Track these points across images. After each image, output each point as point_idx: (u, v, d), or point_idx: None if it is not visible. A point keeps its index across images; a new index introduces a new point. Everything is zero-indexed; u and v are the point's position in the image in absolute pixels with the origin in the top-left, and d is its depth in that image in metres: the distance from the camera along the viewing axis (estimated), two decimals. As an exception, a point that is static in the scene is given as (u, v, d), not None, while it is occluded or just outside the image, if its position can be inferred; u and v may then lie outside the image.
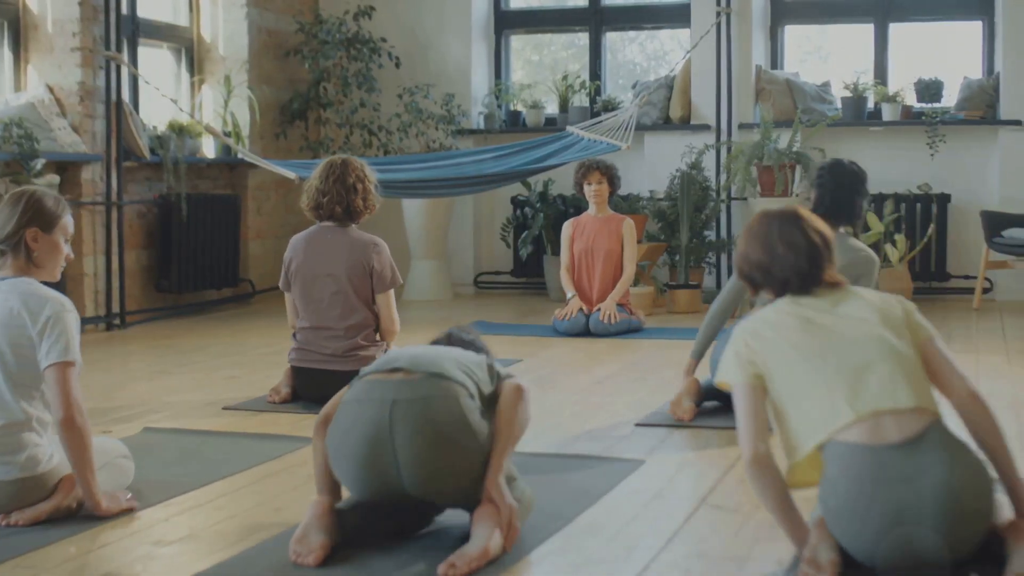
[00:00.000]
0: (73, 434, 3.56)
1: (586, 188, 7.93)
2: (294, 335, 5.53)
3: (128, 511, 3.71)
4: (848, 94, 9.61)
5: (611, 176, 7.94)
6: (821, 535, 3.05)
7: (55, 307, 3.63)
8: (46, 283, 3.76)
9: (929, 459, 2.88)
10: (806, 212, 3.32)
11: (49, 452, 3.64)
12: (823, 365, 3.05)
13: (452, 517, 3.53)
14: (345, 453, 3.30)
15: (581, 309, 7.71)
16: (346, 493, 3.47)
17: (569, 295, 7.85)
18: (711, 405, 5.25)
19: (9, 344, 3.61)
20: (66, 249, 3.82)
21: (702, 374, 5.27)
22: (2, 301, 3.64)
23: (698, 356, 5.29)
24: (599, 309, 7.66)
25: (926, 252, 9.25)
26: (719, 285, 9.51)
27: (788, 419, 3.09)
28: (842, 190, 5.02)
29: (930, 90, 9.46)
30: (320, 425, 3.49)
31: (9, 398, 3.60)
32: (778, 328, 3.15)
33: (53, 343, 3.59)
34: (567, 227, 8.06)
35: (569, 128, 9.00)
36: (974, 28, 9.70)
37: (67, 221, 3.81)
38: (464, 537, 3.29)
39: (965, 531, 2.88)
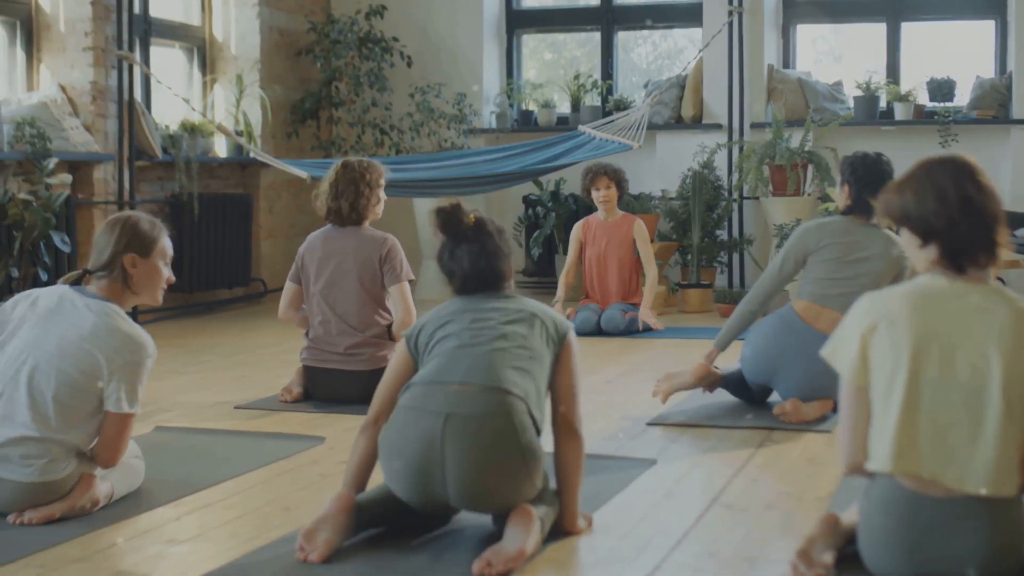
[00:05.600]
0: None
1: (594, 194, 7.76)
2: (306, 334, 5.55)
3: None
4: (860, 93, 9.59)
5: (619, 180, 7.78)
6: (824, 532, 3.05)
7: (137, 353, 3.63)
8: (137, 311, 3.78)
9: (971, 520, 2.81)
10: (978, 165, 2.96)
11: (71, 459, 3.64)
12: (916, 403, 2.84)
13: (468, 518, 3.53)
14: (396, 456, 3.29)
15: (587, 305, 7.70)
16: (371, 485, 3.49)
17: (556, 299, 7.77)
18: (728, 403, 5.23)
19: (76, 370, 3.60)
20: (167, 272, 3.82)
21: (726, 361, 5.25)
22: (85, 323, 3.63)
23: (722, 347, 5.21)
24: (627, 314, 7.60)
25: (938, 251, 9.21)
26: (731, 284, 9.49)
27: (871, 424, 2.94)
28: (879, 181, 4.96)
29: (942, 89, 9.43)
30: (367, 425, 3.49)
31: (51, 416, 3.59)
32: (895, 333, 2.87)
33: (122, 390, 3.61)
34: (577, 229, 7.96)
35: (581, 127, 9.00)
36: (986, 27, 9.67)
37: (165, 244, 3.80)
38: (483, 537, 3.29)
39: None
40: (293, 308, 5.60)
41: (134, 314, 8.22)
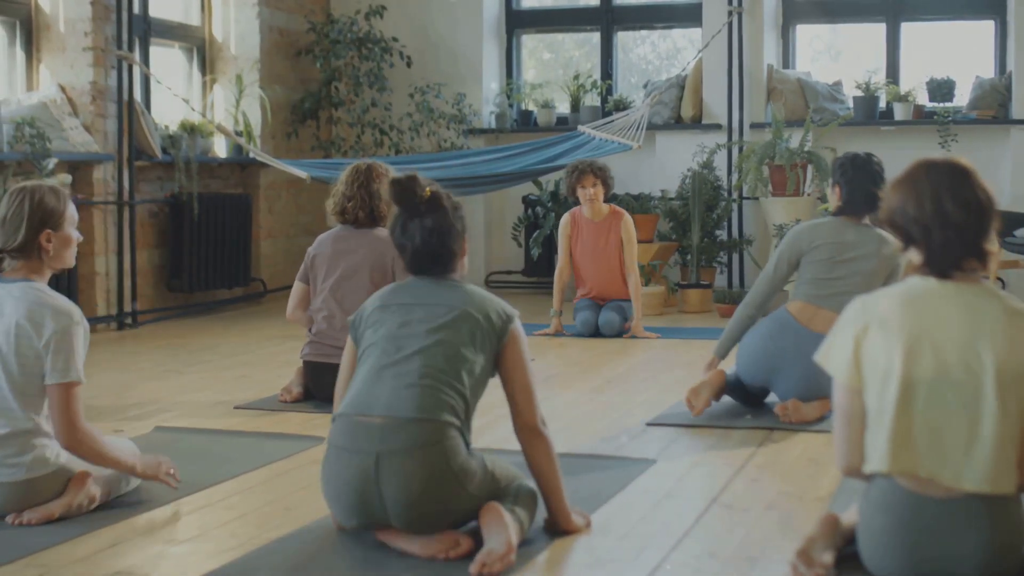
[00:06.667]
0: (79, 453, 3.63)
1: (580, 192, 7.60)
2: (309, 330, 5.55)
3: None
4: (860, 93, 9.59)
5: (605, 178, 7.64)
6: (824, 532, 3.05)
7: (62, 321, 3.60)
8: (60, 274, 3.73)
9: (971, 520, 2.81)
10: (972, 167, 2.96)
11: (56, 451, 3.64)
12: (910, 403, 2.85)
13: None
14: (334, 497, 3.32)
15: (581, 303, 7.69)
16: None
17: (552, 311, 7.72)
18: (728, 403, 5.23)
19: (15, 355, 3.60)
20: (77, 236, 3.80)
21: (727, 364, 5.26)
22: (10, 310, 3.62)
23: (722, 355, 5.25)
24: (626, 323, 7.59)
25: (938, 252, 9.20)
26: (731, 285, 9.49)
27: (867, 426, 2.95)
28: (869, 182, 4.98)
29: (942, 89, 9.43)
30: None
31: (15, 406, 3.60)
32: (887, 334, 2.89)
33: (56, 361, 3.58)
34: (565, 224, 7.78)
35: (580, 128, 9.01)
36: (986, 27, 9.67)
37: (72, 211, 3.78)
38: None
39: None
40: (301, 308, 5.60)
41: (135, 313, 8.23)
